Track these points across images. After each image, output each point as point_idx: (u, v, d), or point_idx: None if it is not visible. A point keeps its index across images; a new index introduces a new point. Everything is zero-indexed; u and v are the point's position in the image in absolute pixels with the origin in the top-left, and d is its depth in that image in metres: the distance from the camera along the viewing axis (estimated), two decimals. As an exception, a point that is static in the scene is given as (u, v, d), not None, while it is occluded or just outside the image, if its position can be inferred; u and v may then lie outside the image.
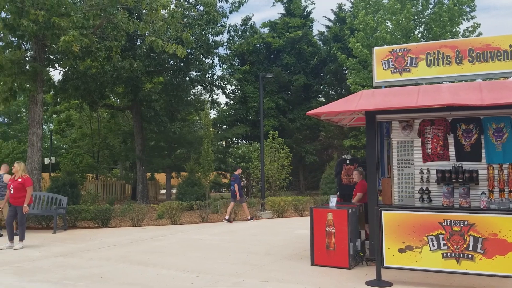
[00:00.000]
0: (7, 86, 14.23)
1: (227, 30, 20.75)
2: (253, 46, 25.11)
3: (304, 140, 25.62)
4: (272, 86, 25.43)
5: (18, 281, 6.57)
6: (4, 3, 12.39)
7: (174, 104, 20.04)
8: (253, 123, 24.77)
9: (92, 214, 12.29)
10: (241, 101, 25.53)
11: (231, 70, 26.11)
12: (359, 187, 8.48)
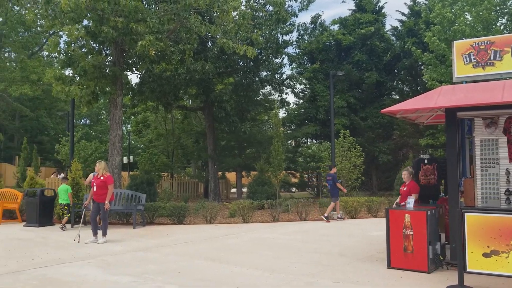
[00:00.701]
0: (90, 89, 15.13)
1: (296, 29, 20.68)
2: (322, 44, 24.81)
3: (376, 139, 24.88)
4: (342, 84, 24.96)
5: (102, 274, 6.95)
6: (86, 12, 13.17)
7: (244, 104, 20.29)
8: (323, 122, 24.46)
9: (168, 211, 12.75)
10: (310, 100, 25.31)
11: (301, 69, 25.97)
12: (412, 188, 8.13)
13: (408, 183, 8.28)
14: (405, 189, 8.24)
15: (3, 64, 32.15)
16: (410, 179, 8.30)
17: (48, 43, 15.04)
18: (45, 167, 31.99)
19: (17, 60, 32.89)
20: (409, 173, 8.38)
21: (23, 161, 24.63)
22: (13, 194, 13.88)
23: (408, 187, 8.23)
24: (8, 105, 32.62)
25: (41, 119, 36.10)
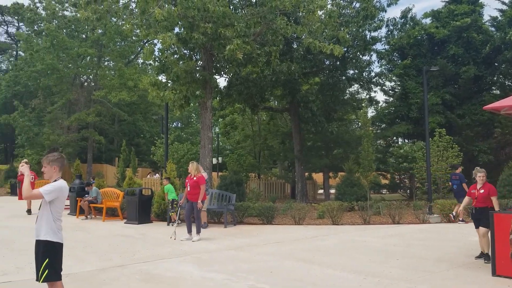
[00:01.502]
0: (182, 94, 15.80)
1: (385, 25, 19.94)
2: (413, 38, 23.67)
3: (475, 138, 23.15)
4: (436, 80, 23.60)
5: (198, 270, 7.20)
6: (178, 20, 13.77)
7: (331, 104, 19.98)
8: (415, 121, 23.32)
9: (257, 211, 12.91)
10: (401, 98, 24.26)
11: (390, 66, 24.99)
12: (491, 190, 7.52)
13: (485, 184, 7.63)
14: (482, 192, 7.57)
15: (103, 73, 34.79)
16: (485, 181, 7.66)
17: (144, 52, 15.94)
18: (141, 168, 34.13)
19: (115, 68, 35.41)
20: (485, 174, 7.72)
21: (122, 162, 26.42)
22: (115, 193, 14.92)
23: (486, 189, 7.56)
24: (108, 110, 35.25)
25: (138, 123, 38.51)
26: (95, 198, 14.62)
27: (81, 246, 9.44)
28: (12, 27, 54.69)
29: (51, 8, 33.93)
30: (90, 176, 31.18)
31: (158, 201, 13.63)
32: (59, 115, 34.52)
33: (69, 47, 32.39)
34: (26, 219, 14.40)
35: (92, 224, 13.31)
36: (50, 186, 4.42)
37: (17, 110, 35.75)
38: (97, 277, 6.82)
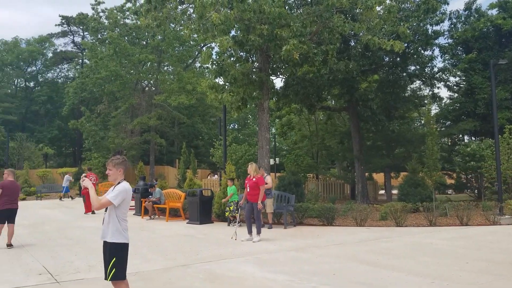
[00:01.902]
0: (239, 96, 15.97)
1: (448, 18, 19.15)
2: (479, 31, 22.46)
3: (549, 134, 21.57)
4: (505, 73, 22.24)
5: (259, 271, 7.22)
6: (234, 23, 13.92)
7: (391, 102, 19.40)
8: (482, 117, 22.12)
9: (317, 212, 12.77)
10: (467, 93, 23.08)
11: (454, 60, 23.85)
12: None
13: None
14: None
15: (163, 77, 35.93)
16: None
17: (202, 55, 16.29)
18: (200, 169, 34.89)
19: (175, 72, 36.45)
20: None
21: (183, 164, 27.11)
22: (177, 194, 15.33)
23: None
24: (168, 113, 36.36)
25: (196, 125, 39.42)
26: (159, 199, 15.10)
27: (147, 246, 9.77)
28: (77, 37, 57.83)
29: (113, 17, 35.52)
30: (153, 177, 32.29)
31: (218, 202, 13.85)
32: (123, 119, 36.04)
33: (131, 54, 33.74)
34: (96, 219, 15.15)
35: (156, 224, 13.75)
36: (116, 191, 4.59)
37: (84, 116, 37.74)
38: (163, 276, 7.02)
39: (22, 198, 26.24)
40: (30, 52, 56.71)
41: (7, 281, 6.84)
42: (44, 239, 10.98)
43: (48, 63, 59.01)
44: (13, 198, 9.71)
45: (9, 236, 9.65)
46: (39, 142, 46.24)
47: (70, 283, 6.65)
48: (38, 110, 55.36)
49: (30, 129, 51.84)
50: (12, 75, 57.32)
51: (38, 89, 57.78)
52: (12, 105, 49.16)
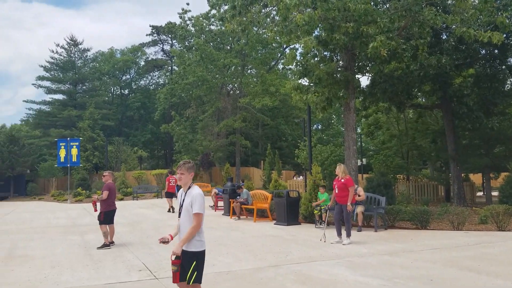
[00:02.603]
0: (324, 96, 15.77)
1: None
2: None
3: None
4: None
5: (352, 274, 7.06)
6: (318, 23, 13.78)
7: (489, 97, 17.99)
8: None
9: (409, 215, 12.23)
10: None
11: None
12: None
13: None
14: None
15: (247, 80, 36.65)
16: None
17: (286, 57, 16.33)
18: (285, 170, 35.04)
19: (258, 75, 37.03)
20: None
21: (268, 165, 27.40)
22: (264, 195, 15.52)
23: None
24: (252, 116, 37.01)
25: (280, 127, 39.68)
26: (246, 200, 15.40)
27: (238, 245, 9.99)
28: (166, 45, 60.93)
29: (199, 24, 36.94)
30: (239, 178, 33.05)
31: (305, 203, 13.79)
32: (210, 122, 37.32)
33: (216, 59, 34.85)
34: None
35: (245, 224, 14.03)
36: (198, 202, 4.48)
37: (174, 120, 39.65)
38: (255, 276, 7.13)
39: (120, 198, 28.17)
40: (125, 62, 60.79)
41: (112, 276, 7.36)
42: (142, 237, 11.67)
43: (140, 71, 62.89)
44: (113, 200, 10.46)
45: (111, 234, 10.37)
46: (134, 145, 49.34)
47: (168, 280, 6.98)
48: (132, 115, 59.16)
49: (125, 133, 55.55)
50: (109, 84, 61.84)
51: (132, 95, 61.76)
52: (109, 111, 53.00)
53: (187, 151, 38.38)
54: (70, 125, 48.53)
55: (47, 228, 14.35)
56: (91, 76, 54.26)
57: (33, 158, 42.78)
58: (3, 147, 39.95)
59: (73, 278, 7.26)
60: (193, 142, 37.84)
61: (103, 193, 10.14)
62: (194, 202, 4.49)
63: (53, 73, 53.59)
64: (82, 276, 7.39)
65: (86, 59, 55.24)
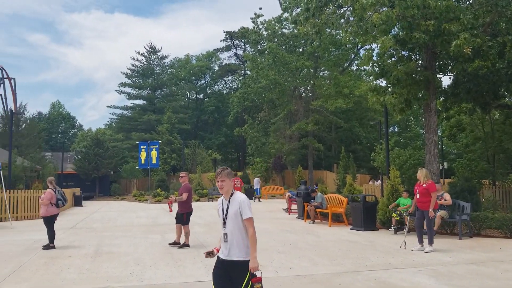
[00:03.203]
0: (402, 97, 15.21)
1: None
2: None
3: None
4: None
5: (436, 284, 6.72)
6: (396, 21, 13.33)
7: None
8: None
9: (497, 223, 11.41)
10: None
11: None
12: None
13: None
14: None
15: (320, 82, 36.35)
16: None
17: (361, 58, 16.01)
18: (359, 174, 34.25)
19: (331, 77, 36.60)
20: None
21: (342, 168, 26.94)
22: (339, 200, 15.27)
23: None
24: (325, 118, 36.62)
25: (354, 129, 38.91)
26: (320, 204, 15.24)
27: (313, 249, 9.90)
28: (239, 50, 62.17)
29: (271, 28, 37.26)
30: (312, 182, 32.82)
31: (382, 208, 13.39)
32: (282, 125, 37.46)
33: (288, 62, 34.94)
34: (260, 221, 15.98)
35: (319, 228, 13.88)
36: (248, 207, 4.20)
37: (247, 123, 40.29)
38: (332, 281, 7.02)
39: (196, 199, 29.10)
40: (200, 67, 62.89)
41: (191, 275, 7.59)
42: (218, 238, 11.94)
43: (214, 76, 64.71)
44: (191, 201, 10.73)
45: (185, 235, 10.57)
46: (209, 148, 50.80)
47: (246, 281, 7.08)
48: (207, 119, 61.00)
49: (201, 136, 57.36)
50: (185, 89, 64.24)
51: (207, 100, 63.68)
52: (185, 115, 55.03)
53: (260, 154, 38.80)
54: (149, 129, 51.05)
55: (130, 227, 15.15)
56: (168, 82, 56.70)
57: (116, 160, 45.48)
58: (90, 150, 42.89)
59: (156, 275, 7.58)
60: (265, 145, 38.19)
61: (182, 195, 10.40)
62: (243, 207, 4.15)
63: (134, 80, 56.72)
64: (164, 273, 7.70)
65: (164, 65, 57.84)
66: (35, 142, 36.05)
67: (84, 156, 42.67)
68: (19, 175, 24.49)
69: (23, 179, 25.41)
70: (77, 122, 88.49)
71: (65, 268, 8.27)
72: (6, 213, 17.71)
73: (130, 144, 50.02)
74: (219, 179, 4.21)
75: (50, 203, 10.54)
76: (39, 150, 36.56)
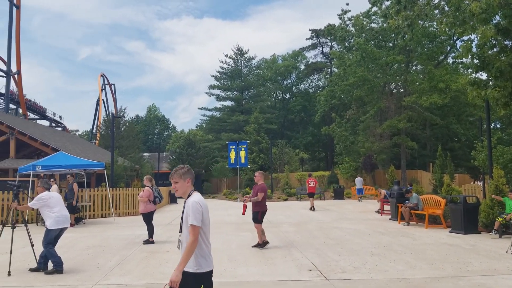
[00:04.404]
0: (506, 90, 14.00)
1: None
2: None
3: None
4: None
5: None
6: (497, 9, 12.30)
7: None
8: None
9: None
10: None
11: None
12: None
13: None
14: None
15: (412, 78, 34.66)
16: None
17: (459, 49, 14.98)
18: (458, 174, 32.12)
19: (424, 71, 34.74)
20: None
21: (438, 168, 25.48)
22: (436, 201, 14.43)
23: None
24: (419, 115, 34.86)
25: (451, 126, 36.61)
26: (416, 205, 14.52)
27: (408, 252, 9.45)
28: (326, 47, 61.45)
29: (359, 23, 36.29)
30: (405, 182, 31.44)
31: (485, 210, 12.41)
32: (371, 123, 36.35)
33: (378, 57, 33.78)
34: (351, 222, 15.63)
35: (415, 230, 13.23)
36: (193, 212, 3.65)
37: (334, 122, 39.67)
38: (432, 286, 6.64)
39: (284, 199, 29.25)
40: (286, 67, 63.18)
41: (283, 273, 7.61)
42: (309, 237, 11.87)
43: (300, 75, 64.62)
44: (265, 200, 10.50)
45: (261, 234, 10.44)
46: (295, 147, 50.81)
47: (338, 282, 6.95)
48: (293, 118, 61.08)
49: (287, 136, 57.60)
50: (272, 89, 64.91)
51: (293, 99, 63.79)
52: (272, 115, 55.58)
53: (348, 153, 38.00)
54: (238, 129, 52.33)
55: (221, 224, 15.62)
56: (255, 83, 57.67)
57: (207, 159, 47.26)
58: (183, 150, 45.02)
59: (248, 272, 7.71)
60: (354, 144, 37.31)
61: (257, 195, 10.28)
62: (189, 212, 3.65)
63: (222, 82, 58.51)
64: (256, 271, 7.81)
65: (251, 67, 58.93)
66: (134, 143, 38.60)
67: (178, 156, 44.87)
68: (121, 174, 26.35)
69: (124, 178, 27.30)
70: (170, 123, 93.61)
71: (163, 262, 8.73)
72: (109, 209, 19.16)
73: (220, 144, 51.65)
74: (172, 180, 3.85)
75: (148, 200, 11.20)
76: (138, 151, 39.07)
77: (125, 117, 42.11)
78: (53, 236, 7.88)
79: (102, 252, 9.97)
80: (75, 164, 17.10)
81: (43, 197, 7.91)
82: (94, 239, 12.14)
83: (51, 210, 7.89)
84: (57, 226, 7.85)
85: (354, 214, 18.80)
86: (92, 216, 18.66)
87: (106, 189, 19.06)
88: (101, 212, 19.10)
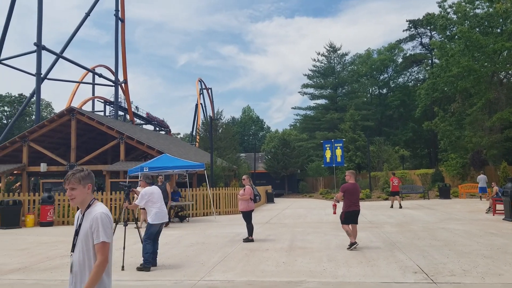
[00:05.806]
0: None
1: None
2: None
3: None
4: None
5: None
6: None
7: None
8: None
9: None
10: None
11: None
12: None
13: None
14: None
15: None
16: None
17: None
18: None
19: (540, 57, 31.37)
20: None
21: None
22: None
23: None
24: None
25: None
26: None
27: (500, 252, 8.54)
28: (425, 38, 58.07)
29: (461, 10, 33.81)
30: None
31: None
32: (479, 116, 33.64)
33: (484, 45, 31.20)
34: (459, 222, 14.56)
35: (534, 232, 11.95)
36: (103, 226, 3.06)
37: (437, 116, 37.35)
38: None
39: (384, 198, 28.19)
40: (382, 61, 60.87)
41: (386, 275, 7.27)
42: (413, 238, 11.26)
43: (398, 69, 61.81)
44: (354, 200, 10.01)
45: (353, 235, 10.06)
46: (395, 144, 48.75)
47: (447, 286, 6.47)
48: (391, 114, 58.68)
49: (385, 133, 55.46)
50: (367, 84, 62.96)
51: (391, 94, 61.23)
52: (368, 112, 53.90)
53: (454, 149, 35.58)
54: (332, 128, 51.57)
55: (319, 224, 15.44)
56: (350, 79, 56.36)
57: (302, 159, 47.19)
58: (278, 150, 45.46)
59: (349, 273, 7.49)
60: (460, 139, 34.83)
61: (337, 195, 10.12)
62: (96, 226, 3.03)
63: (315, 80, 58.05)
64: (358, 272, 7.55)
65: (344, 63, 57.72)
66: (231, 144, 39.80)
67: (273, 156, 45.40)
68: (219, 174, 27.30)
69: (223, 178, 28.24)
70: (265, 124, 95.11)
71: (263, 260, 8.83)
72: (210, 208, 19.93)
73: (314, 143, 51.30)
74: (67, 186, 3.11)
75: (250, 198, 11.43)
76: (235, 152, 40.22)
77: (222, 119, 43.62)
78: (154, 231, 8.28)
79: (205, 249, 10.36)
80: (178, 165, 18.02)
81: (146, 193, 8.36)
82: (197, 237, 12.68)
83: (153, 205, 8.33)
84: (157, 221, 8.26)
85: (463, 214, 17.51)
86: (195, 215, 19.55)
87: (207, 189, 19.83)
88: (203, 211, 19.94)
